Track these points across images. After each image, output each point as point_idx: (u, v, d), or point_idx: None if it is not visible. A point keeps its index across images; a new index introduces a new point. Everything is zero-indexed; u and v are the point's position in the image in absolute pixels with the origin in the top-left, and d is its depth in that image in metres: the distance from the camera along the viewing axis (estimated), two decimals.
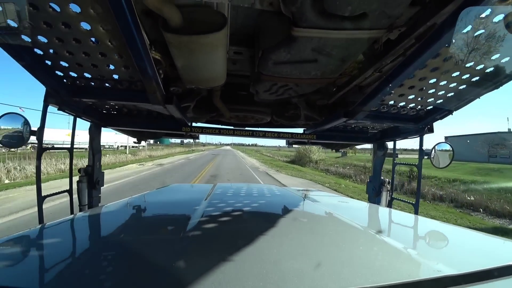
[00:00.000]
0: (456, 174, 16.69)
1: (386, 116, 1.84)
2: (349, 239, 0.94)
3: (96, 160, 2.23)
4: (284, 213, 1.34)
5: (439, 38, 1.01)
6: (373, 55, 1.44)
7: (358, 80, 1.66)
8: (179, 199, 1.74)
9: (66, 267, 0.69)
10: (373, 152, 2.75)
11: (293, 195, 1.87)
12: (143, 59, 1.12)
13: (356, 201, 1.95)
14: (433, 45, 1.05)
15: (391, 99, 1.64)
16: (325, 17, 1.05)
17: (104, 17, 0.97)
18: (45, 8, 0.93)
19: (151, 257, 0.74)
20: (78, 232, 1.06)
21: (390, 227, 1.28)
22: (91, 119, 2.09)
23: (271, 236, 0.90)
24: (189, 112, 2.17)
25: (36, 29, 1.02)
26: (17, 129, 1.64)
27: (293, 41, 1.19)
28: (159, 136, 2.85)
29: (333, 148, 3.29)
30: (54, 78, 1.37)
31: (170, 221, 1.20)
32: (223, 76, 1.60)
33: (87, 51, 1.16)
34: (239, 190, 1.96)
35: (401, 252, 0.83)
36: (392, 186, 2.50)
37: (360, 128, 2.58)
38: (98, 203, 2.25)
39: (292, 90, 1.76)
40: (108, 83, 1.44)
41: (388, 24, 1.15)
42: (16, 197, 8.29)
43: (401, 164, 2.55)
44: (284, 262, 0.69)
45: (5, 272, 0.66)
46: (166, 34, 1.14)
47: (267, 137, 2.51)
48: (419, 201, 2.15)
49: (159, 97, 1.43)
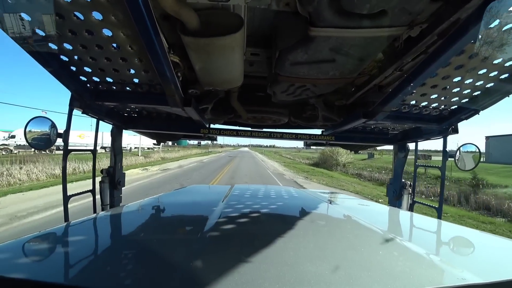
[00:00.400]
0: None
1: (407, 117, 1.78)
2: (368, 243, 0.91)
3: (117, 161, 2.30)
4: (301, 215, 1.33)
5: (463, 34, 0.96)
6: (393, 53, 1.40)
7: (378, 80, 1.62)
8: (197, 200, 1.77)
9: (89, 263, 0.72)
10: (394, 154, 2.67)
11: (311, 197, 1.85)
12: (162, 63, 1.15)
13: (376, 204, 1.90)
14: (458, 41, 1.00)
15: (412, 98, 1.58)
16: (343, 16, 1.03)
17: (125, 23, 1.00)
18: (70, 17, 0.97)
19: (170, 256, 0.76)
20: (101, 230, 1.10)
21: (411, 232, 1.24)
22: (112, 122, 2.16)
23: (288, 238, 0.89)
24: (207, 114, 2.19)
25: (62, 37, 1.07)
26: (45, 132, 1.73)
27: (310, 41, 1.17)
28: (178, 138, 2.90)
29: (352, 149, 3.22)
30: (78, 83, 1.43)
31: (188, 221, 1.22)
32: (240, 78, 1.61)
33: (108, 57, 1.20)
34: (257, 192, 1.96)
35: (423, 257, 0.80)
36: (414, 189, 2.42)
37: (380, 129, 2.51)
38: (120, 202, 2.32)
39: (309, 91, 1.74)
40: (128, 86, 1.48)
41: (409, 21, 1.11)
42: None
43: (423, 166, 2.45)
44: (301, 264, 0.68)
45: (33, 266, 0.70)
46: (184, 37, 1.16)
47: (285, 138, 2.50)
48: (443, 205, 2.06)
49: (178, 99, 1.46)
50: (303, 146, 3.23)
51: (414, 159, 2.40)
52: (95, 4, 0.92)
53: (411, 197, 2.41)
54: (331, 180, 17.78)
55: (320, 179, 17.91)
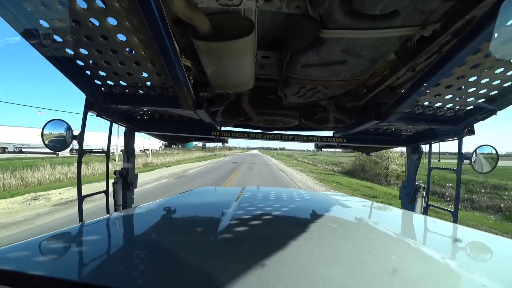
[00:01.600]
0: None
1: (421, 118, 1.74)
2: (382, 247, 0.90)
3: (130, 163, 2.35)
4: (314, 218, 1.31)
5: (479, 33, 0.94)
6: (405, 53, 1.37)
7: (390, 81, 1.59)
8: (208, 201, 1.78)
9: (102, 262, 0.74)
10: (407, 156, 2.61)
11: (323, 199, 1.83)
12: (175, 66, 1.17)
13: (389, 207, 1.86)
14: (473, 40, 0.97)
15: (426, 99, 1.55)
16: (354, 17, 1.02)
17: (138, 28, 1.02)
18: (86, 23, 1.00)
19: (183, 256, 0.77)
20: (114, 230, 1.12)
21: (426, 236, 1.21)
22: (126, 124, 2.21)
23: (301, 241, 0.88)
24: (218, 117, 2.21)
25: (78, 42, 1.11)
26: (61, 134, 1.79)
27: (322, 43, 1.17)
28: (189, 140, 2.94)
29: (364, 151, 3.17)
30: (93, 86, 1.46)
31: (201, 223, 1.22)
32: (251, 81, 1.62)
33: (123, 61, 1.23)
34: (268, 194, 1.95)
35: (440, 262, 0.78)
36: (428, 192, 2.36)
37: (392, 131, 2.47)
38: (132, 203, 2.36)
39: (320, 93, 1.73)
40: (142, 90, 1.51)
41: (422, 21, 1.08)
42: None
43: (438, 169, 2.39)
44: (315, 267, 0.68)
45: (50, 264, 0.73)
46: (196, 41, 1.18)
47: (296, 140, 2.49)
48: (458, 209, 2.00)
49: (190, 102, 1.48)
50: (314, 148, 3.19)
51: (428, 161, 2.35)
52: (110, 10, 0.94)
53: (425, 200, 2.36)
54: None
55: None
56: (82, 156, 1.71)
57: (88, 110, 1.61)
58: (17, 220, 6.66)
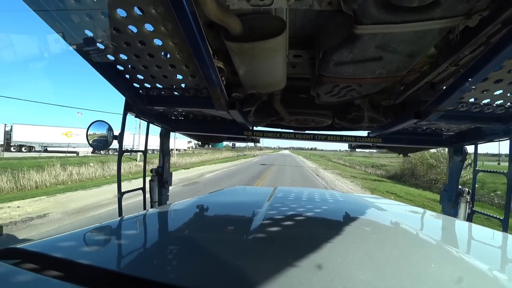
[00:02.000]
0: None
1: (465, 116, 1.60)
2: (421, 254, 0.84)
3: (165, 161, 2.46)
4: (348, 220, 1.27)
5: None
6: (447, 47, 1.27)
7: (430, 77, 1.49)
8: (241, 200, 1.80)
9: (139, 255, 0.79)
10: (449, 157, 2.43)
11: (357, 202, 1.77)
12: (208, 68, 1.20)
13: (429, 212, 1.74)
14: None
15: (471, 96, 1.43)
16: (390, 11, 0.97)
17: (173, 32, 1.06)
18: (125, 30, 1.06)
19: (216, 253, 0.78)
20: (150, 226, 1.19)
21: (471, 244, 1.11)
22: (162, 125, 2.32)
23: (334, 243, 0.86)
24: (250, 117, 2.24)
25: (118, 49, 1.18)
26: (103, 134, 1.92)
27: (355, 39, 1.12)
28: (222, 140, 3.01)
29: (400, 152, 3.00)
30: (132, 89, 1.56)
31: (233, 221, 1.24)
32: (283, 80, 1.61)
33: (159, 64, 1.29)
34: (301, 195, 1.93)
35: (486, 275, 0.71)
36: (473, 197, 2.18)
37: (433, 130, 2.32)
38: (167, 200, 2.47)
39: (355, 91, 1.67)
40: (177, 91, 1.58)
41: (466, 10, 0.99)
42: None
43: (485, 172, 2.20)
44: (349, 271, 0.65)
45: (93, 254, 0.79)
46: (228, 42, 1.20)
47: (329, 140, 2.44)
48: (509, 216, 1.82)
49: (223, 103, 1.51)
50: (348, 149, 3.10)
51: (474, 163, 2.17)
52: (147, 16, 0.99)
53: (470, 206, 2.18)
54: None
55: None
56: (122, 155, 1.83)
57: (127, 112, 1.72)
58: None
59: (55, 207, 7.91)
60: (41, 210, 7.50)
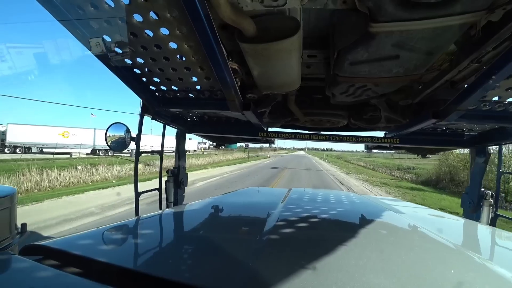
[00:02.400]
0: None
1: (488, 116, 1.54)
2: (439, 259, 0.81)
3: (181, 162, 2.50)
4: (363, 222, 1.25)
5: None
6: (468, 43, 1.22)
7: (450, 75, 1.44)
8: (255, 201, 1.80)
9: (155, 254, 0.80)
10: (471, 159, 2.34)
11: (374, 204, 1.73)
12: (223, 70, 1.21)
13: (448, 215, 1.68)
14: None
15: (495, 94, 1.37)
16: (407, 7, 0.94)
17: (188, 36, 1.08)
18: (142, 34, 1.09)
19: (230, 254, 0.79)
20: (166, 225, 1.20)
21: (494, 250, 1.06)
22: (177, 126, 2.36)
23: (349, 246, 0.84)
24: (265, 118, 2.24)
25: (135, 53, 1.22)
26: (121, 136, 1.98)
27: (371, 38, 1.10)
28: (236, 141, 3.03)
29: (419, 153, 2.91)
30: (148, 92, 1.60)
31: (247, 222, 1.25)
32: (298, 81, 1.61)
33: (174, 67, 1.32)
34: (316, 196, 1.91)
35: (510, 282, 0.68)
36: (497, 200, 2.08)
37: (453, 130, 2.23)
38: (182, 200, 2.51)
39: (371, 91, 1.64)
40: (192, 93, 1.60)
41: (489, 4, 0.95)
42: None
43: (509, 174, 2.09)
44: (364, 275, 0.64)
45: (110, 252, 0.82)
46: (242, 44, 1.21)
47: (345, 141, 2.40)
48: None
49: (238, 104, 1.52)
50: (364, 150, 3.04)
51: (498, 165, 2.08)
52: (162, 20, 1.01)
53: (493, 209, 2.08)
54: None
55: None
56: (139, 155, 1.87)
57: (144, 114, 1.76)
58: None
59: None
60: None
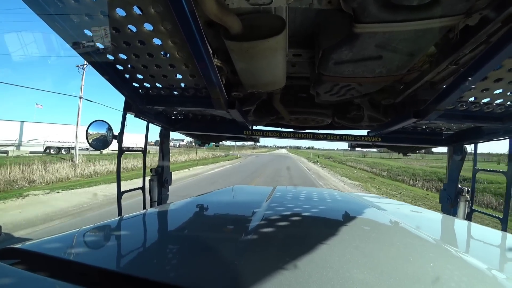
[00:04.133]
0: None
1: (465, 115, 1.61)
2: (419, 253, 0.84)
3: (165, 161, 2.46)
4: (347, 219, 1.27)
5: None
6: (447, 46, 1.27)
7: (430, 76, 1.49)
8: (240, 200, 1.80)
9: (138, 255, 0.78)
10: (449, 156, 2.44)
11: (356, 201, 1.77)
12: (208, 67, 1.20)
13: (428, 211, 1.74)
14: None
15: (471, 95, 1.43)
16: (390, 9, 0.97)
17: (173, 32, 1.06)
18: (124, 30, 1.06)
19: (214, 253, 0.78)
20: (150, 225, 1.18)
21: (469, 243, 1.11)
22: (161, 124, 2.31)
23: (333, 243, 0.86)
24: (250, 116, 2.24)
25: (117, 48, 1.18)
26: (102, 134, 1.92)
27: (355, 38, 1.12)
28: (222, 139, 3.01)
29: (400, 151, 3.01)
30: (131, 89, 1.55)
31: (232, 221, 1.24)
32: (283, 79, 1.61)
33: (158, 64, 1.29)
34: (300, 194, 1.93)
35: (484, 273, 0.71)
36: (473, 196, 2.18)
37: (432, 129, 2.32)
38: (167, 200, 2.47)
39: (354, 90, 1.67)
40: (176, 91, 1.57)
41: (466, 8, 0.99)
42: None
43: (484, 171, 2.20)
44: (347, 270, 0.65)
45: (91, 253, 0.79)
46: (227, 42, 1.20)
47: (329, 139, 2.44)
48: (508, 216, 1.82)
49: (223, 102, 1.51)
50: (348, 148, 3.10)
51: (473, 163, 2.17)
52: (146, 16, 0.99)
53: (469, 205, 2.18)
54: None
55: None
56: (122, 154, 1.82)
57: (127, 112, 1.71)
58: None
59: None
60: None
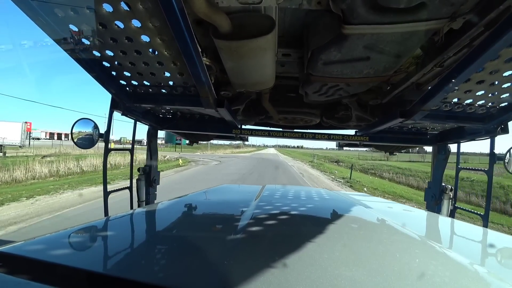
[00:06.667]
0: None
1: (449, 116, 1.65)
2: (405, 250, 0.86)
3: (153, 160, 2.42)
4: (335, 218, 1.29)
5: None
6: (432, 48, 1.31)
7: (416, 77, 1.53)
8: (229, 199, 1.79)
9: (125, 256, 0.77)
10: (433, 155, 2.51)
11: (344, 199, 1.79)
12: (197, 66, 1.19)
13: (413, 209, 1.79)
14: (508, 31, 0.91)
15: (455, 96, 1.47)
16: (378, 12, 0.99)
17: (161, 29, 1.05)
18: (111, 26, 1.04)
19: (203, 253, 0.78)
20: (137, 225, 1.16)
21: (453, 239, 1.15)
22: (149, 123, 2.28)
23: (322, 241, 0.87)
24: (239, 115, 2.23)
25: (104, 45, 1.15)
26: (88, 133, 1.87)
27: (344, 39, 1.14)
28: (210, 138, 2.99)
29: (387, 150, 3.08)
30: (118, 86, 1.52)
31: (221, 220, 1.23)
32: (272, 79, 1.62)
33: (146, 61, 1.27)
34: (288, 193, 1.94)
35: (466, 268, 0.74)
36: (455, 194, 2.25)
37: (418, 129, 2.38)
38: (154, 199, 2.43)
39: (343, 90, 1.69)
40: (164, 89, 1.55)
41: (451, 13, 1.02)
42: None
43: (466, 170, 2.27)
44: (336, 268, 0.66)
45: (76, 255, 0.77)
46: (217, 40, 1.19)
47: (317, 139, 2.46)
48: (489, 212, 1.89)
49: (211, 101, 1.50)
50: (336, 147, 3.14)
51: (456, 161, 2.23)
52: (134, 12, 0.97)
53: (452, 202, 2.25)
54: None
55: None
56: (108, 153, 1.78)
57: (113, 110, 1.68)
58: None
59: None
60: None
